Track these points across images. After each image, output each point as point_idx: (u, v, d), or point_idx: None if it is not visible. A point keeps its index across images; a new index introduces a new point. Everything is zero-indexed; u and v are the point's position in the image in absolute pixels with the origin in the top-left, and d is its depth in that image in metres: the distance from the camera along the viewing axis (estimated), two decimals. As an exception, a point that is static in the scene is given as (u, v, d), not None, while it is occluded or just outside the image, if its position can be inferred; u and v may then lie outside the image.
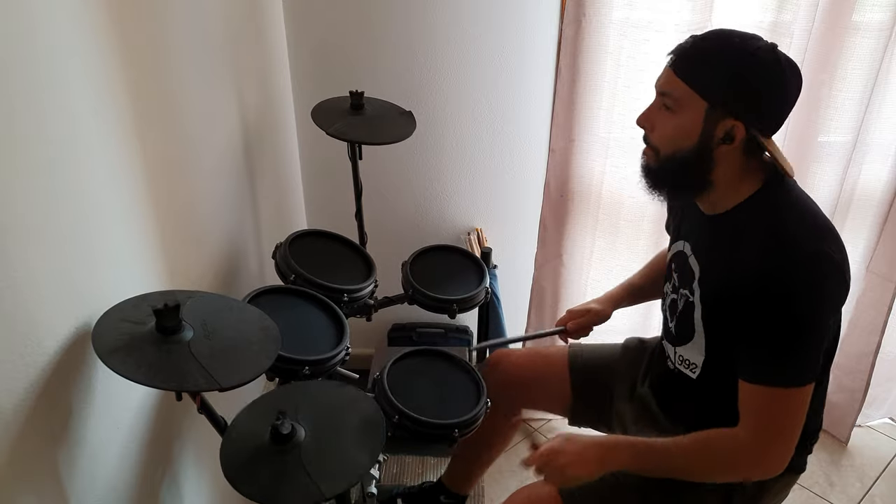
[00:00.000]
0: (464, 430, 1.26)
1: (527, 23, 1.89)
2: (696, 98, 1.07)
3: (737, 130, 1.07)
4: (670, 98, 1.10)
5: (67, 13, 0.86)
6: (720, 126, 1.07)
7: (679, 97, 1.08)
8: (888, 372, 2.19)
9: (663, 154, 1.13)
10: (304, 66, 1.95)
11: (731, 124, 1.06)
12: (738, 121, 1.06)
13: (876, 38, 1.71)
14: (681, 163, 1.11)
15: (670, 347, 1.30)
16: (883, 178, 1.90)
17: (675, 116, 1.10)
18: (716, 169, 1.11)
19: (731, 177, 1.12)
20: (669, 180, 1.16)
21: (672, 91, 1.09)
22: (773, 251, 1.07)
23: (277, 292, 1.36)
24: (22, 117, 0.78)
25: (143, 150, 1.06)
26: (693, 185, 1.15)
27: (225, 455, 0.94)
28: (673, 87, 1.09)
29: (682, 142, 1.10)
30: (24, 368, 0.81)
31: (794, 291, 1.04)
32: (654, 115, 1.14)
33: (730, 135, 1.07)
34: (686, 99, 1.08)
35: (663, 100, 1.11)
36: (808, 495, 2.02)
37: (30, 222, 0.80)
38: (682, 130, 1.09)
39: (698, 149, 1.09)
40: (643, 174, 1.19)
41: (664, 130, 1.12)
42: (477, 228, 2.16)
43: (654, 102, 1.14)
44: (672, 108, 1.10)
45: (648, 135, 1.15)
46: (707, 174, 1.12)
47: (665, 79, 1.11)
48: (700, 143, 1.09)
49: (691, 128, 1.08)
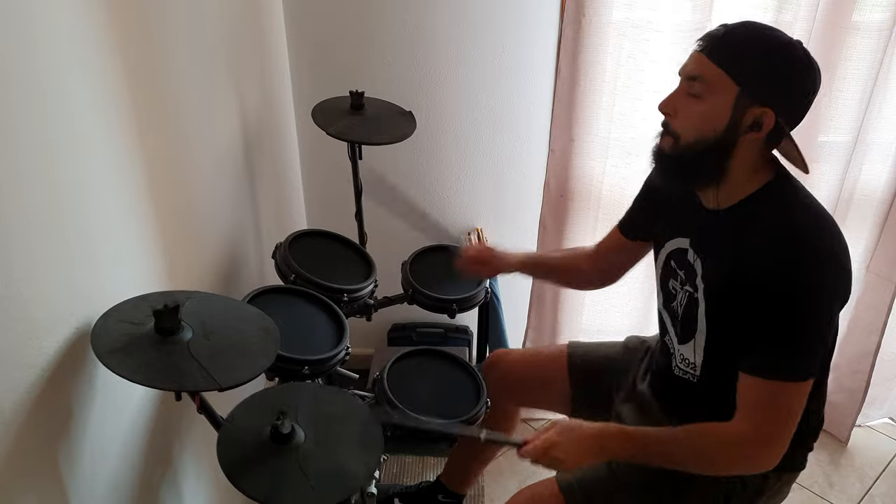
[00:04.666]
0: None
1: (527, 23, 1.89)
2: (728, 82, 1.06)
3: (766, 118, 1.06)
4: (701, 83, 1.08)
5: (67, 13, 0.86)
6: (749, 113, 1.06)
7: (711, 81, 1.07)
8: (888, 372, 2.19)
9: (684, 141, 1.11)
10: (304, 66, 1.95)
11: (760, 111, 1.06)
12: (768, 108, 1.06)
13: (876, 38, 1.71)
14: (701, 150, 1.10)
15: (675, 345, 1.29)
16: (883, 178, 1.90)
17: (702, 102, 1.08)
18: (734, 159, 1.11)
19: (746, 167, 1.12)
20: (685, 167, 1.14)
21: (704, 75, 1.07)
22: (782, 247, 1.07)
23: (277, 292, 1.37)
24: (22, 118, 0.78)
25: (143, 151, 1.06)
26: (710, 172, 1.13)
27: (222, 449, 0.94)
28: (705, 71, 1.07)
29: (708, 128, 1.09)
30: (24, 368, 0.81)
31: (800, 287, 1.05)
32: (679, 101, 1.12)
33: (758, 122, 1.07)
34: (718, 83, 1.06)
35: (691, 85, 1.09)
36: (808, 495, 2.02)
37: (30, 222, 0.80)
38: (710, 116, 1.08)
39: (724, 136, 1.08)
40: (656, 159, 1.17)
41: (690, 116, 1.11)
42: (477, 228, 2.16)
43: (679, 89, 1.12)
44: (700, 94, 1.08)
45: (670, 121, 1.14)
46: (724, 163, 1.11)
47: (695, 63, 1.09)
48: (727, 130, 1.08)
49: (720, 113, 1.07)
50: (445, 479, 1.71)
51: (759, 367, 1.09)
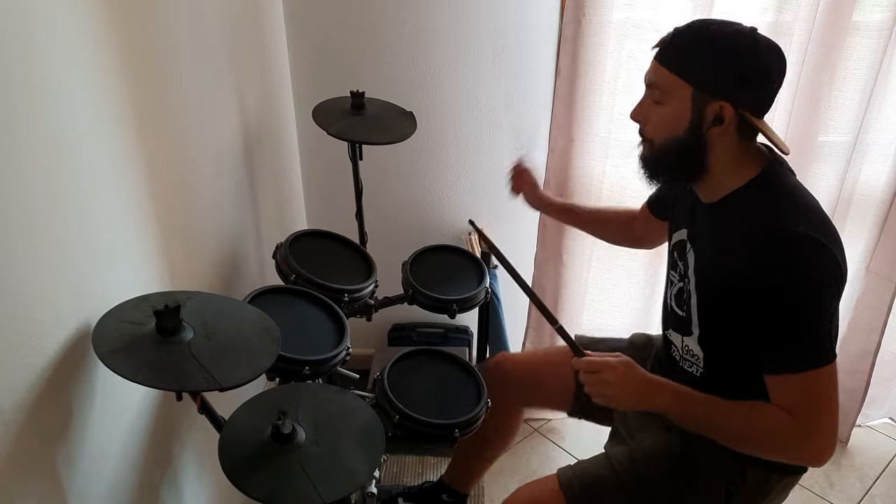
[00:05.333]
0: (464, 430, 1.26)
1: (527, 23, 1.89)
2: (681, 84, 1.10)
3: (725, 111, 1.09)
4: (658, 89, 1.13)
5: (68, 13, 0.86)
6: (709, 109, 1.09)
7: (666, 87, 1.11)
8: (888, 372, 2.19)
9: (658, 144, 1.16)
10: (304, 66, 1.95)
11: (718, 105, 1.09)
12: (724, 101, 1.08)
13: (876, 38, 1.71)
14: (676, 150, 1.14)
15: (678, 337, 1.29)
16: (883, 178, 1.90)
17: (664, 107, 1.13)
18: (711, 153, 1.13)
19: (727, 161, 1.14)
20: (666, 167, 1.18)
21: (659, 81, 1.12)
22: (764, 240, 1.08)
23: (278, 292, 1.36)
24: (22, 117, 0.78)
25: (143, 151, 1.06)
26: (689, 169, 1.16)
27: (224, 450, 0.94)
28: (659, 78, 1.12)
29: (674, 129, 1.12)
30: (24, 368, 0.81)
31: (787, 277, 1.05)
32: (646, 108, 1.16)
33: (719, 116, 1.09)
34: (672, 87, 1.11)
35: (652, 93, 1.14)
36: (808, 495, 2.02)
37: (30, 223, 0.80)
38: (672, 118, 1.12)
39: (691, 134, 1.11)
40: (641, 166, 1.21)
41: (656, 121, 1.15)
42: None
43: (644, 96, 1.17)
44: (660, 99, 1.13)
45: (643, 128, 1.18)
46: (702, 158, 1.14)
47: (652, 71, 1.14)
48: (692, 128, 1.11)
49: (681, 114, 1.11)
50: (448, 479, 1.71)
51: (779, 366, 1.09)
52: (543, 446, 2.17)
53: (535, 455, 2.13)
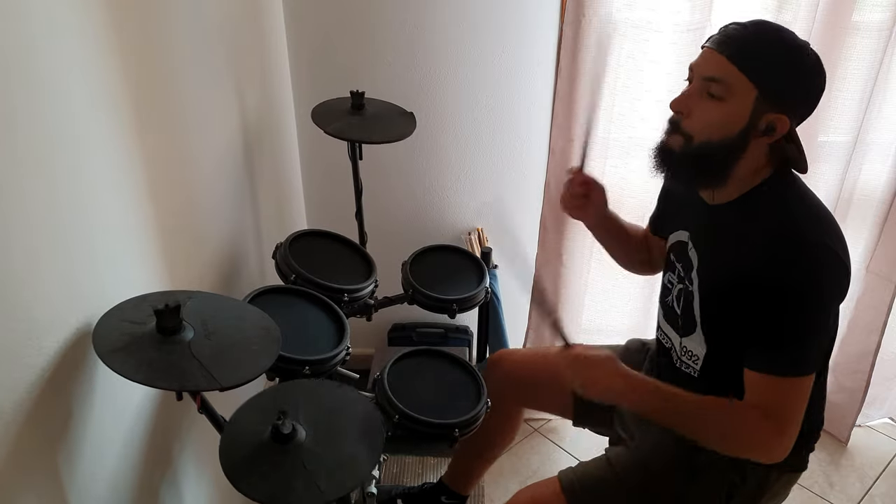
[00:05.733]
0: (464, 430, 1.26)
1: (527, 23, 1.89)
2: (748, 86, 1.04)
3: (779, 123, 1.05)
4: (720, 84, 1.05)
5: (67, 12, 0.86)
6: (765, 117, 1.06)
7: (731, 84, 1.05)
8: (888, 372, 2.19)
9: (697, 141, 1.09)
10: (304, 66, 1.95)
11: (775, 117, 1.05)
12: (783, 114, 1.05)
13: (876, 38, 1.71)
14: (714, 151, 1.08)
15: (676, 338, 1.29)
16: (883, 178, 1.90)
17: (721, 104, 1.06)
18: (742, 160, 1.10)
19: (749, 168, 1.12)
20: (694, 167, 1.12)
21: (723, 77, 1.05)
22: (780, 242, 1.07)
23: (278, 292, 1.36)
24: (22, 117, 0.78)
25: (144, 151, 1.06)
26: (716, 174, 1.12)
27: (224, 453, 0.94)
28: (724, 73, 1.05)
29: (724, 130, 1.07)
30: (24, 368, 0.81)
31: (798, 282, 1.04)
32: (695, 101, 1.09)
33: (771, 126, 1.06)
34: (738, 86, 1.05)
35: (710, 86, 1.07)
36: (808, 495, 2.02)
37: (30, 222, 0.80)
38: (727, 119, 1.06)
39: (738, 138, 1.07)
40: (661, 157, 1.14)
41: (707, 118, 1.08)
42: (477, 228, 2.16)
43: (694, 87, 1.09)
44: (719, 95, 1.06)
45: (682, 120, 1.11)
46: (733, 165, 1.10)
47: (715, 64, 1.06)
48: (741, 133, 1.07)
49: (738, 117, 1.06)
50: (448, 480, 1.71)
51: (763, 365, 1.09)
52: (544, 447, 2.17)
53: (535, 455, 2.13)
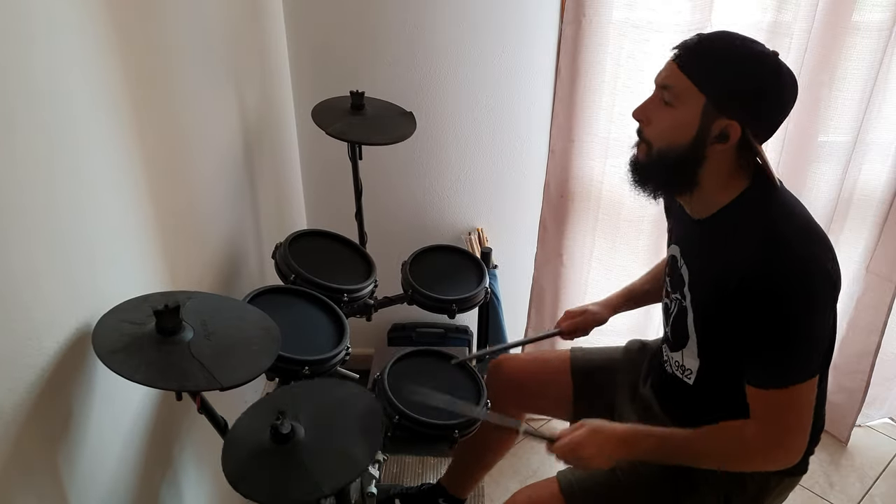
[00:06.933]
0: (464, 431, 1.26)
1: (527, 23, 1.89)
2: (696, 93, 1.07)
3: (732, 130, 1.07)
4: (670, 92, 1.09)
5: (67, 12, 0.86)
6: (716, 124, 1.07)
7: (679, 91, 1.08)
8: (888, 372, 2.19)
9: (656, 148, 1.13)
10: (304, 66, 1.95)
11: (726, 123, 1.07)
12: (733, 120, 1.06)
13: (876, 38, 1.71)
14: (672, 158, 1.11)
15: (668, 352, 1.30)
16: (883, 178, 1.90)
17: (673, 111, 1.10)
18: (705, 168, 1.11)
19: (717, 178, 1.12)
20: (657, 176, 1.15)
21: (673, 84, 1.09)
22: (763, 252, 1.07)
23: (277, 292, 1.37)
24: (21, 118, 0.78)
25: (144, 151, 1.06)
26: (680, 182, 1.14)
27: (226, 458, 0.94)
28: (674, 81, 1.09)
29: (677, 137, 1.10)
30: (24, 368, 0.81)
31: (785, 292, 1.05)
32: (652, 108, 1.13)
33: (724, 133, 1.07)
34: (686, 93, 1.08)
35: (663, 93, 1.11)
36: (808, 495, 2.02)
37: (30, 223, 0.80)
38: (678, 125, 1.09)
39: (692, 145, 1.09)
40: (631, 168, 1.18)
41: (661, 124, 1.12)
42: (477, 228, 2.16)
43: (653, 96, 1.14)
44: (671, 102, 1.10)
45: (643, 128, 1.15)
46: (695, 172, 1.12)
47: (667, 72, 1.11)
48: (695, 140, 1.09)
49: (688, 123, 1.08)
50: (446, 483, 1.70)
51: (765, 379, 1.09)
52: (544, 447, 2.17)
53: (535, 455, 2.13)
